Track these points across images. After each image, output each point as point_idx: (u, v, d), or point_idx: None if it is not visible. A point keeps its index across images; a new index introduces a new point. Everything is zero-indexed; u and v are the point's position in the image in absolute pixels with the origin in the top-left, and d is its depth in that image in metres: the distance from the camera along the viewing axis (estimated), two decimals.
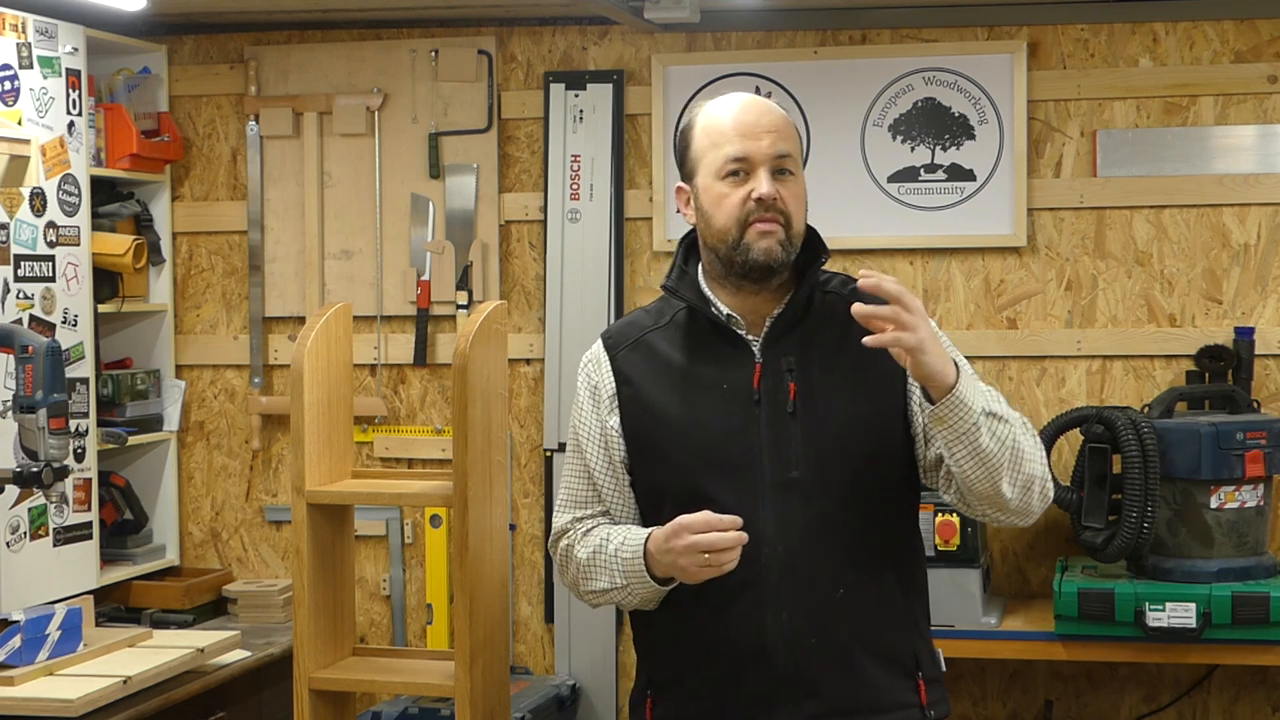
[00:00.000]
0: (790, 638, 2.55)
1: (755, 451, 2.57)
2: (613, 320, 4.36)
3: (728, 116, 2.60)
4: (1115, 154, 4.47)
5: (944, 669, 2.72)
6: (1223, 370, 4.33)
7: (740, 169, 2.57)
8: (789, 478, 2.56)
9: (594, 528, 2.70)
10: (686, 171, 2.67)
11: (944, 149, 4.54)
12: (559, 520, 2.75)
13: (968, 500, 2.55)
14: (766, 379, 2.60)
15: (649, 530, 2.59)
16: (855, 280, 2.65)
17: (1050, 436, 4.22)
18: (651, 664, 2.72)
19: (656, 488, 2.65)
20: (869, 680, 2.58)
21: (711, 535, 2.44)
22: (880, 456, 2.60)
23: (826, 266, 2.69)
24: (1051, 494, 2.59)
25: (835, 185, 4.55)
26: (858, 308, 2.38)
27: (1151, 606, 3.98)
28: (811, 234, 2.65)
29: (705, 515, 2.46)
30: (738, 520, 2.46)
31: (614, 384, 2.69)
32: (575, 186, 4.70)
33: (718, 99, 2.66)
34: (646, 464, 2.66)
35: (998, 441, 2.46)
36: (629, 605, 2.66)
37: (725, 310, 2.64)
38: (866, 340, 2.39)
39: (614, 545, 2.61)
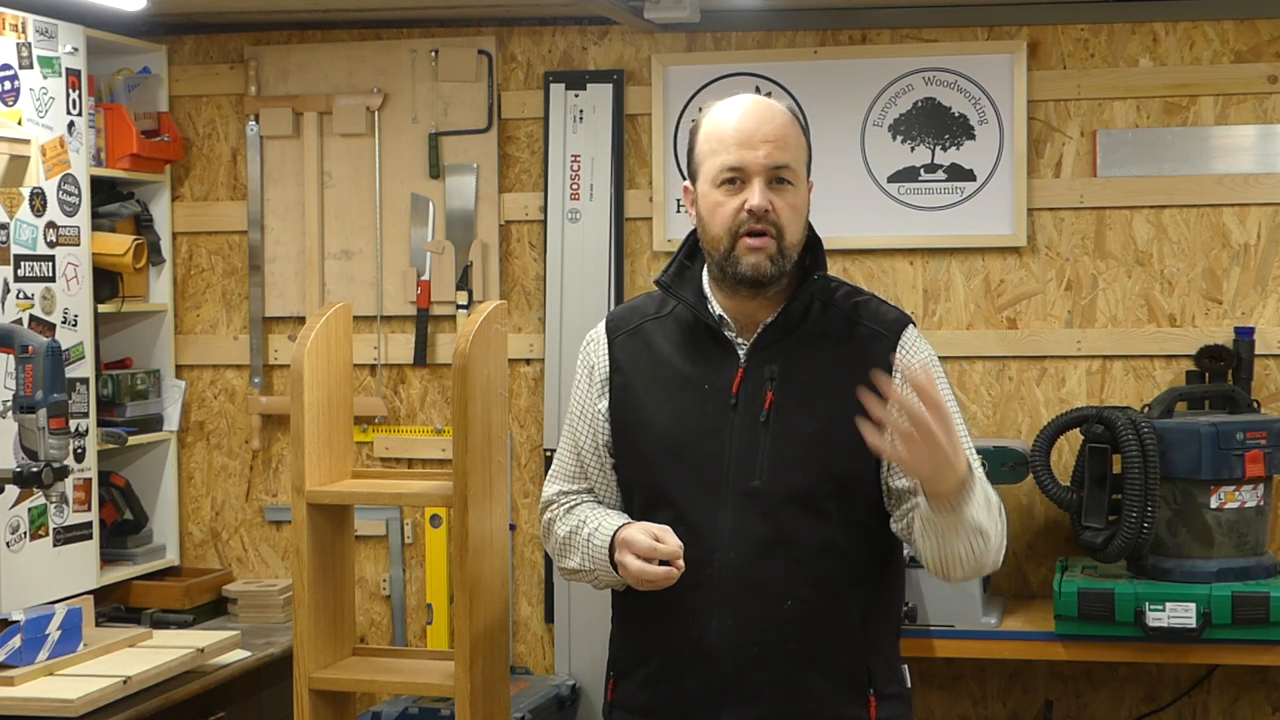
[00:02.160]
0: (733, 644, 2.56)
1: (722, 455, 2.58)
2: None
3: (729, 122, 2.59)
4: (1115, 154, 4.47)
5: (909, 685, 2.71)
6: (1223, 370, 4.33)
7: (736, 178, 2.57)
8: (750, 486, 2.56)
9: (576, 505, 2.74)
10: (690, 172, 2.67)
11: (944, 149, 4.54)
12: (547, 490, 2.81)
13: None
14: (747, 384, 2.60)
15: (621, 521, 2.62)
16: (862, 294, 2.68)
17: (1050, 436, 4.22)
18: (616, 646, 2.77)
19: (629, 479, 2.70)
20: (811, 692, 2.58)
21: (642, 566, 2.51)
22: (849, 477, 2.58)
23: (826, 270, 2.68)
24: (999, 564, 2.59)
25: (835, 185, 4.54)
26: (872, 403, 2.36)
27: (1151, 606, 3.97)
28: (814, 240, 2.64)
29: (650, 541, 2.51)
30: (679, 552, 2.50)
31: (608, 368, 2.72)
32: (575, 186, 4.70)
33: (725, 101, 2.64)
34: (624, 453, 2.69)
35: (969, 552, 2.49)
36: (599, 587, 2.71)
37: (718, 312, 2.65)
38: (874, 448, 2.38)
39: (588, 530, 2.66)
